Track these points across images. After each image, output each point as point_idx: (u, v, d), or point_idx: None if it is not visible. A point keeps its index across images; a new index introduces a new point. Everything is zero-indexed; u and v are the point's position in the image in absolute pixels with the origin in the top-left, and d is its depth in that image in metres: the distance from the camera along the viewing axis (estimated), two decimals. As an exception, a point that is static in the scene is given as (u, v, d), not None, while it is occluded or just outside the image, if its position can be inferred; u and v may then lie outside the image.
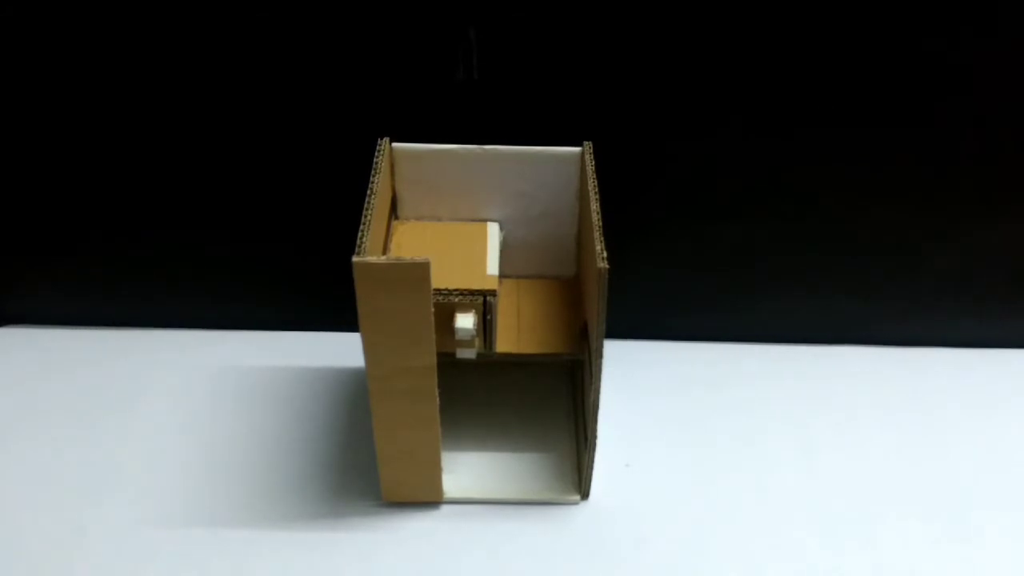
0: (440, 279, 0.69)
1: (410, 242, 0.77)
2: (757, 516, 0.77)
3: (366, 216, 0.65)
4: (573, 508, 0.77)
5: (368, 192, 0.68)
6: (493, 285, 0.71)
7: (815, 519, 0.76)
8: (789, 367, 0.93)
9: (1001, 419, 0.87)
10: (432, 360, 0.65)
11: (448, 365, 0.69)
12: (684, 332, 0.95)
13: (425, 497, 0.76)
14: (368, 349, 0.64)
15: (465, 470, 0.79)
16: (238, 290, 0.94)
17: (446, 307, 0.70)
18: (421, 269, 0.60)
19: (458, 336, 0.70)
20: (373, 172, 0.70)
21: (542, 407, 0.86)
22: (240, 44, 0.77)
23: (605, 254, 0.63)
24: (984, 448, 0.84)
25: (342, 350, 0.92)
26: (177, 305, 0.95)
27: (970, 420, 0.87)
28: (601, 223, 0.67)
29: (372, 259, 0.59)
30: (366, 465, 0.79)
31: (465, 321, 0.70)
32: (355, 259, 0.59)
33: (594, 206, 0.68)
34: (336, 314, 0.80)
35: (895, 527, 0.76)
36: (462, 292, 0.70)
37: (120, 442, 0.83)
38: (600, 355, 0.67)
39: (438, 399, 0.68)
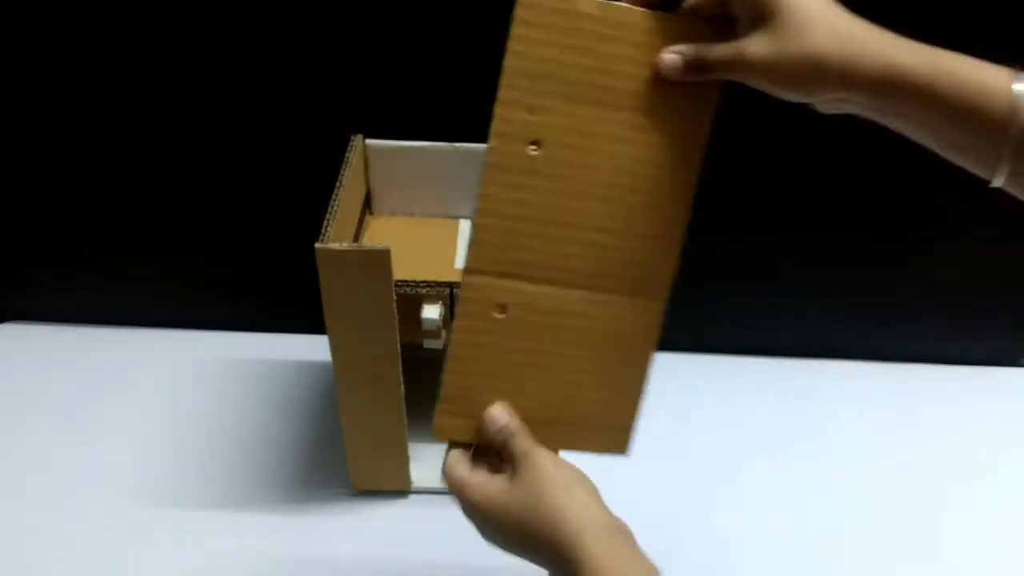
0: (408, 271, 0.71)
1: (382, 236, 0.79)
2: (730, 517, 0.77)
3: (333, 206, 0.67)
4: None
5: (337, 184, 0.70)
6: (459, 277, 0.72)
7: (791, 530, 0.76)
8: (771, 380, 0.92)
9: (984, 435, 0.87)
10: (394, 347, 0.67)
11: (416, 360, 0.70)
12: (662, 344, 0.95)
13: (394, 486, 0.78)
14: (333, 335, 0.66)
15: (434, 460, 0.80)
16: (224, 292, 0.96)
17: (413, 298, 0.72)
18: (381, 255, 0.62)
19: (425, 327, 0.72)
20: (344, 165, 0.72)
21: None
22: (228, 53, 0.79)
23: None
24: (967, 463, 0.84)
25: (322, 350, 0.94)
26: (164, 305, 0.97)
27: (953, 436, 0.86)
28: None
29: (334, 245, 0.61)
30: (339, 456, 0.80)
31: (431, 312, 0.72)
32: (318, 245, 0.61)
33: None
34: (315, 314, 0.81)
35: (871, 538, 0.76)
36: (429, 284, 0.71)
37: (109, 432, 0.85)
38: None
39: (402, 387, 0.70)
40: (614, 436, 0.56)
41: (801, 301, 0.91)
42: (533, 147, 0.50)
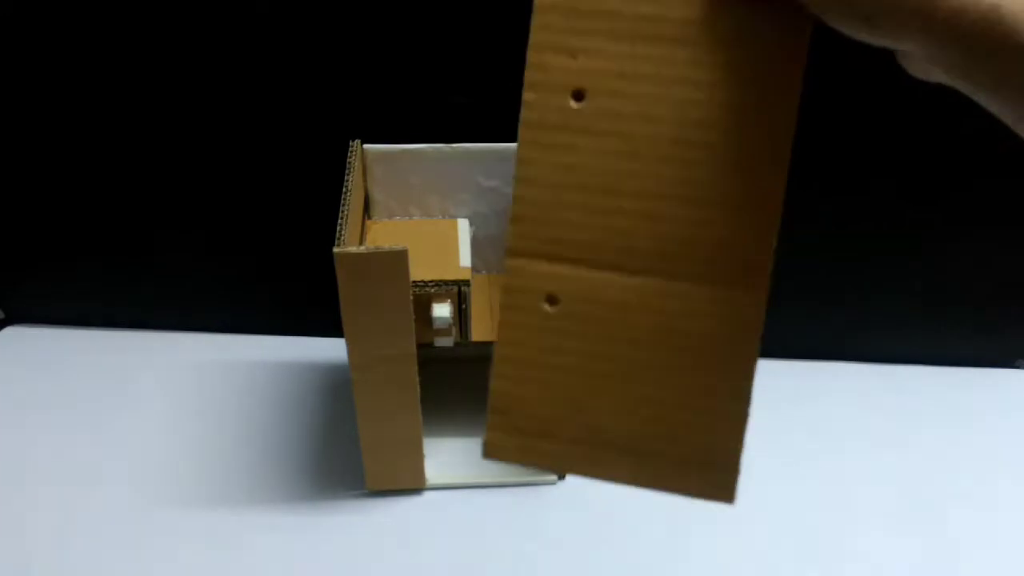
0: (415, 272, 0.71)
1: (384, 239, 0.80)
2: (731, 519, 0.76)
3: (343, 211, 0.68)
4: (550, 488, 0.80)
5: (344, 189, 0.70)
6: (467, 275, 0.74)
7: (791, 531, 0.77)
8: (771, 382, 0.91)
9: (982, 436, 0.88)
10: (412, 347, 0.68)
11: (427, 359, 0.71)
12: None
13: (408, 484, 0.79)
14: (350, 338, 0.67)
15: (447, 456, 0.81)
16: (231, 295, 0.96)
17: (423, 298, 0.73)
18: (399, 257, 0.63)
19: (435, 325, 0.73)
20: (347, 171, 0.73)
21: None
22: (223, 52, 0.80)
23: None
24: (965, 465, 0.84)
25: (329, 351, 0.95)
26: (171, 308, 0.97)
27: (952, 438, 0.87)
28: None
29: (352, 249, 0.62)
30: (351, 455, 0.81)
31: (442, 310, 0.73)
32: (336, 249, 0.62)
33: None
34: (323, 317, 0.82)
35: (870, 541, 0.77)
36: (437, 283, 0.73)
37: (116, 435, 0.85)
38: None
39: (418, 387, 0.71)
40: (711, 476, 0.44)
41: (798, 302, 0.92)
42: (577, 98, 0.41)
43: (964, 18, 0.31)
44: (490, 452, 0.44)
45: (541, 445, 0.44)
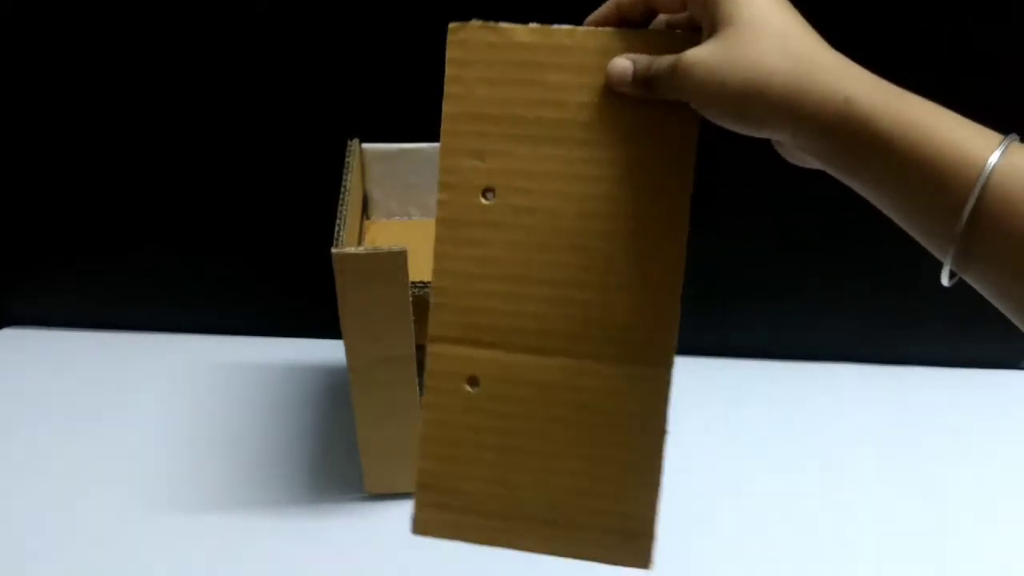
0: (414, 272, 0.71)
1: (383, 239, 0.80)
2: (727, 521, 0.77)
3: (342, 211, 0.67)
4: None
5: (342, 189, 0.70)
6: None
7: (789, 533, 0.76)
8: (772, 383, 0.92)
9: (985, 437, 0.87)
10: (411, 349, 0.68)
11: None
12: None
13: (408, 487, 0.77)
14: (348, 339, 0.66)
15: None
16: (229, 296, 0.96)
17: (422, 299, 0.72)
18: (399, 258, 0.62)
19: (435, 327, 0.73)
20: (345, 171, 0.73)
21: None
22: (222, 52, 0.79)
23: None
24: (969, 465, 0.84)
25: (327, 353, 0.95)
26: (169, 310, 0.97)
27: (955, 439, 0.87)
28: None
29: (351, 250, 0.61)
30: (350, 458, 0.80)
31: (441, 312, 0.72)
32: (334, 250, 0.61)
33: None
34: (322, 319, 0.81)
35: (873, 542, 0.76)
36: (437, 284, 0.72)
37: (113, 436, 0.85)
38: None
39: (418, 388, 0.70)
40: (629, 544, 0.46)
41: (801, 303, 0.92)
42: (487, 196, 0.44)
43: (824, 111, 0.36)
44: (419, 528, 0.49)
45: (467, 520, 0.47)
